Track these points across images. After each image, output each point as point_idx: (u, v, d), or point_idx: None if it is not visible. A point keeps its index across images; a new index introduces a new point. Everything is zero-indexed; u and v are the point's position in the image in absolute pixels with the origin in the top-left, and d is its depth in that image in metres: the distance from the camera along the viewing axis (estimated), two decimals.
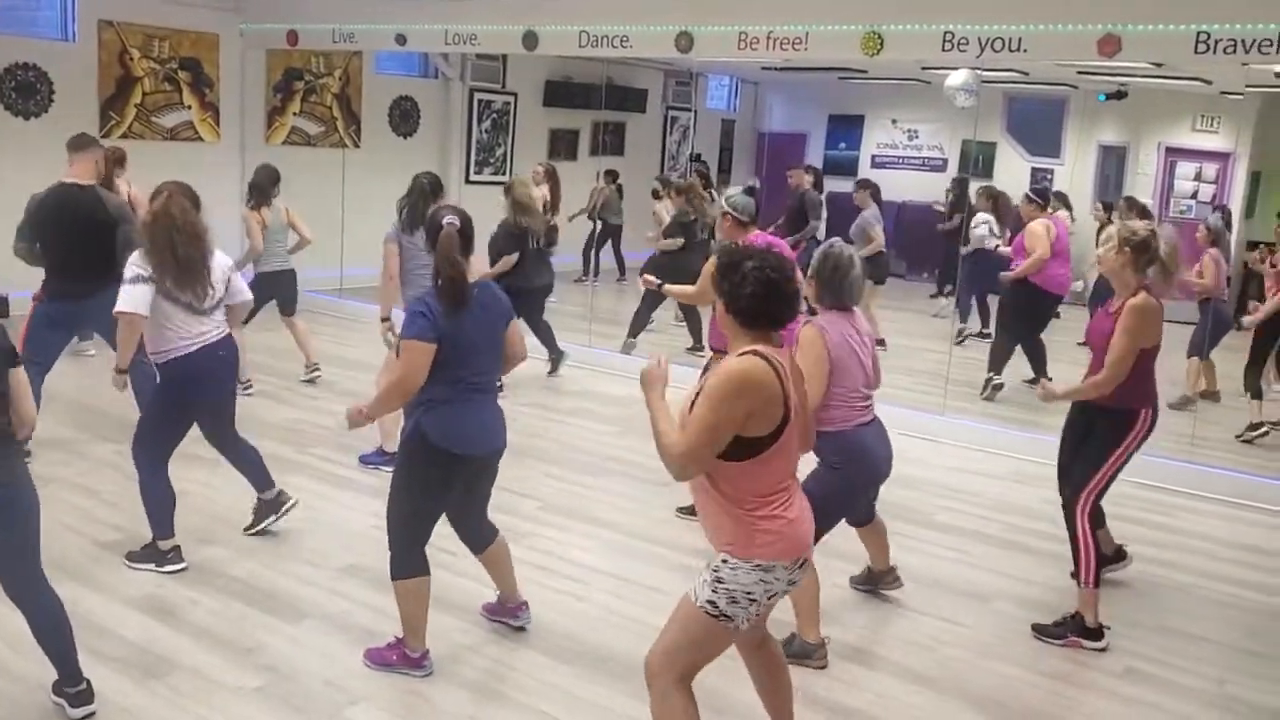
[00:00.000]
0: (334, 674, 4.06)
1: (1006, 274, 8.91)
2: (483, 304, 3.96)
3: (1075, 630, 4.61)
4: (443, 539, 4.59)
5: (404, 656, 4.07)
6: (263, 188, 8.03)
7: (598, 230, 13.51)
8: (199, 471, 5.80)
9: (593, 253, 13.55)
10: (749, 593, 3.07)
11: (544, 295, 8.91)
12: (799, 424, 3.15)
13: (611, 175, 13.76)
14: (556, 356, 9.06)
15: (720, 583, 3.08)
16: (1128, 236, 4.55)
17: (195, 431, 5.01)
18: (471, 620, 4.51)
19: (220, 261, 4.85)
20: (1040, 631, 4.69)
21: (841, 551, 5.04)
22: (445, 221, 3.92)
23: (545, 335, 9.00)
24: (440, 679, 4.06)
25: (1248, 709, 4.23)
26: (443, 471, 3.96)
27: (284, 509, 5.28)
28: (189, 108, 11.18)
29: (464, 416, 3.92)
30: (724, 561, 3.09)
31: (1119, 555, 5.33)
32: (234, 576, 4.84)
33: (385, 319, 6.43)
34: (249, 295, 5.15)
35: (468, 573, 4.65)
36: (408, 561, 3.99)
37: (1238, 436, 8.14)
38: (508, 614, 4.46)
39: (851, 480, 4.45)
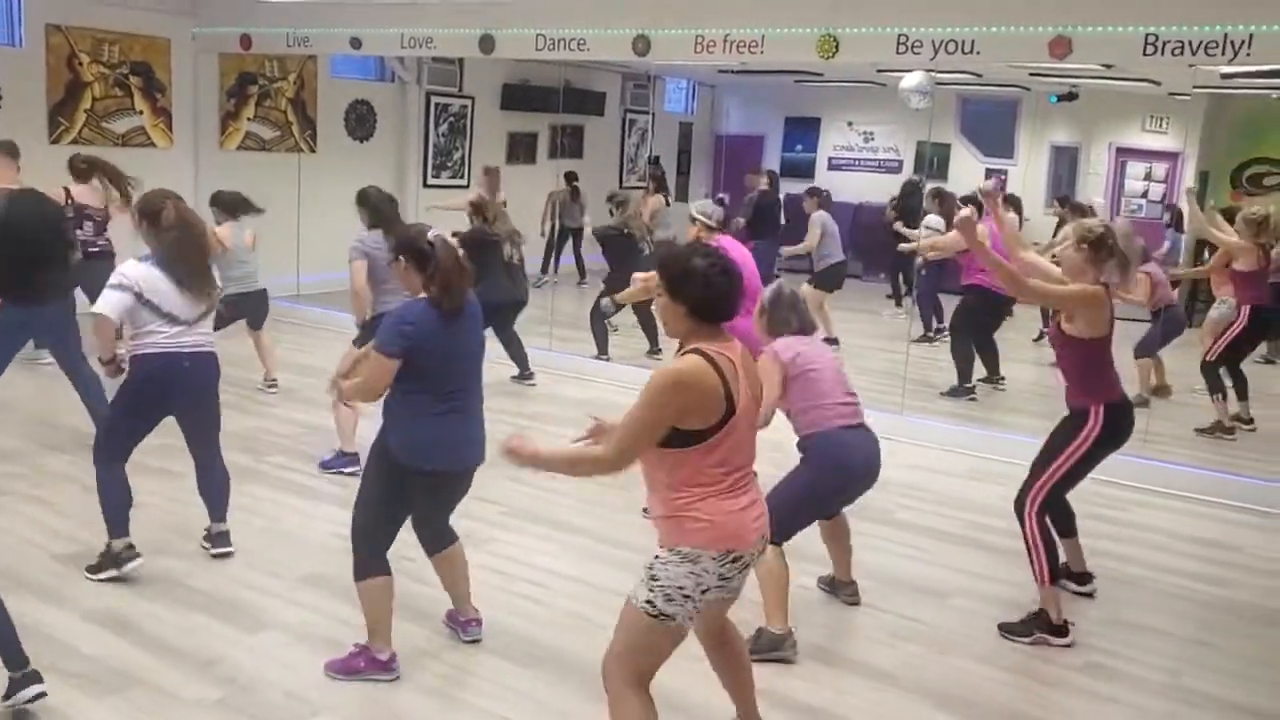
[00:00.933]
0: (295, 684, 4.03)
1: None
2: (470, 315, 3.98)
3: (1041, 628, 4.67)
4: (406, 546, 4.58)
5: (371, 660, 4.05)
6: (227, 204, 7.90)
7: (556, 233, 13.52)
8: (156, 483, 5.74)
9: (552, 255, 13.56)
10: (681, 588, 3.08)
11: (516, 310, 8.85)
12: (749, 418, 3.17)
13: (569, 177, 13.76)
14: (527, 375, 9.00)
15: (655, 580, 3.10)
16: (1084, 234, 4.62)
17: (155, 442, 4.96)
18: (433, 627, 4.49)
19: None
20: (1008, 630, 4.72)
21: (805, 552, 5.07)
22: (431, 236, 3.92)
23: (516, 350, 8.96)
24: (403, 686, 4.04)
25: (1204, 699, 4.31)
26: (408, 485, 3.99)
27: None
28: (140, 113, 11.05)
29: (434, 432, 3.92)
30: (657, 558, 3.13)
31: (1083, 578, 5.25)
32: (193, 588, 4.79)
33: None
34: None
35: (431, 580, 4.63)
36: (369, 564, 4.01)
37: (1199, 430, 8.27)
38: (458, 626, 4.44)
39: (827, 480, 4.50)
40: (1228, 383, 8.36)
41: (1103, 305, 4.59)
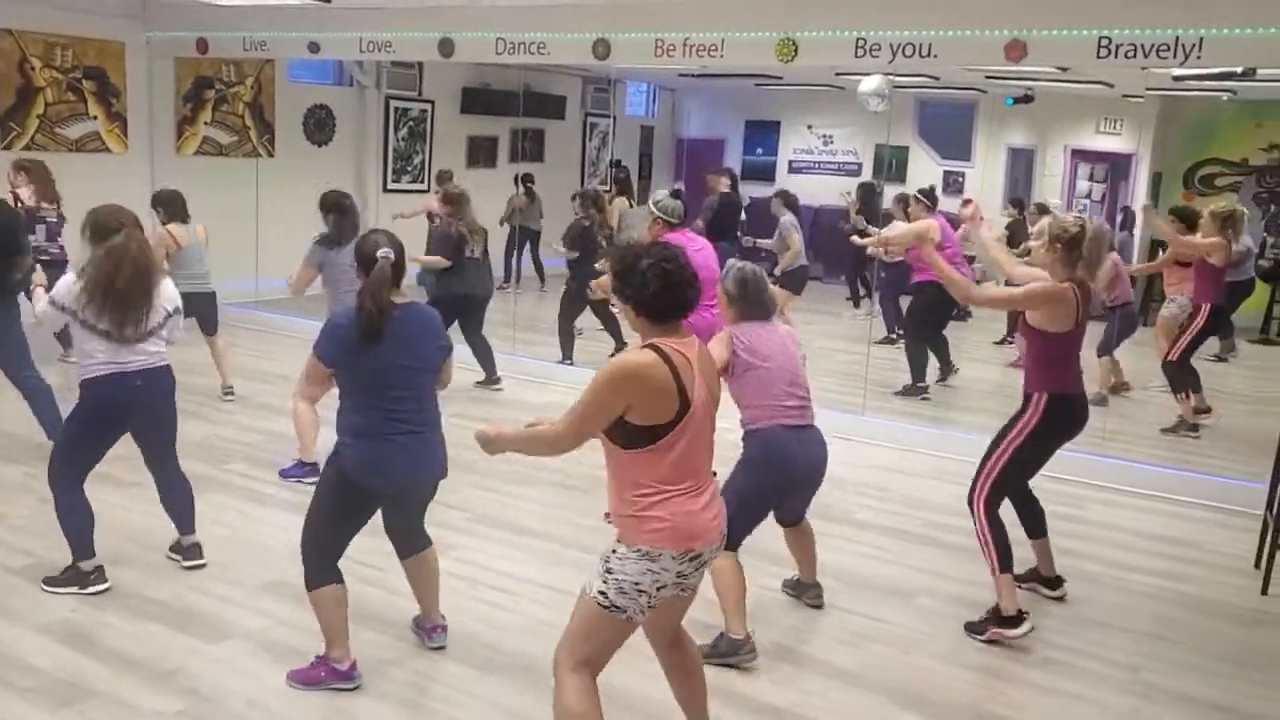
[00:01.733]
0: (257, 694, 3.98)
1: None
2: (409, 337, 3.88)
3: (995, 622, 4.71)
4: (370, 554, 4.55)
5: (331, 670, 4.01)
6: (171, 203, 7.81)
7: (516, 236, 13.49)
8: (111, 493, 5.65)
9: (513, 259, 13.51)
10: (637, 583, 3.09)
11: (483, 306, 8.80)
12: (706, 416, 3.17)
13: (526, 180, 13.76)
14: (494, 380, 8.94)
15: (610, 573, 3.11)
16: (1059, 234, 4.67)
17: (111, 451, 4.88)
18: (395, 634, 4.46)
19: (166, 294, 4.72)
20: (970, 629, 4.76)
21: (773, 554, 5.09)
22: (380, 255, 3.86)
23: (484, 354, 8.89)
24: (366, 694, 4.01)
25: (1162, 694, 4.36)
26: (355, 501, 3.95)
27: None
28: (95, 118, 10.90)
29: (382, 451, 3.86)
30: (614, 551, 3.14)
31: (1054, 582, 5.23)
32: (151, 598, 4.72)
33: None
34: (175, 338, 4.88)
35: (397, 589, 4.61)
36: (318, 572, 3.97)
37: (1164, 430, 8.38)
38: (424, 633, 4.41)
39: (764, 479, 4.45)
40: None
41: (1067, 302, 4.62)
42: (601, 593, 3.10)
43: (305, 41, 10.04)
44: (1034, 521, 5.15)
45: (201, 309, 7.86)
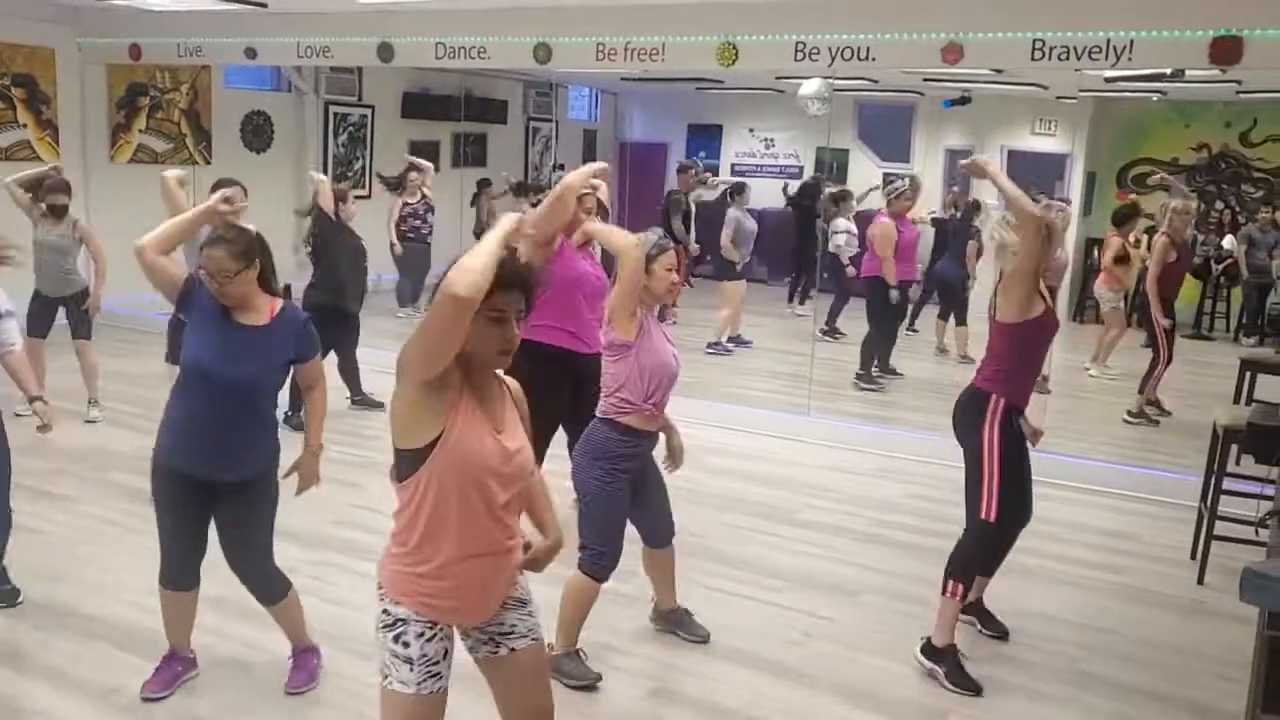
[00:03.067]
0: (202, 709, 3.92)
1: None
2: (256, 332, 3.74)
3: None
4: (310, 565, 4.50)
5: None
6: (34, 185, 7.33)
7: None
8: (46, 508, 5.54)
9: None
10: None
11: (357, 324, 8.06)
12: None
13: (482, 184, 13.82)
14: (358, 399, 8.23)
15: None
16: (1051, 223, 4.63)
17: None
18: (345, 648, 4.41)
19: None
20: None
21: (717, 554, 5.10)
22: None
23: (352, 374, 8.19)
24: (323, 706, 3.96)
25: (1102, 684, 4.44)
26: (167, 487, 3.83)
27: None
28: (25, 126, 10.67)
29: (191, 435, 3.72)
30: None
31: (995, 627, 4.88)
32: (87, 615, 4.63)
33: None
34: (13, 345, 4.61)
35: (341, 599, 4.56)
36: (164, 571, 3.96)
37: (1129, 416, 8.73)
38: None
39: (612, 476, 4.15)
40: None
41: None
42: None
43: (242, 47, 9.92)
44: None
45: (59, 310, 7.47)
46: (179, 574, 3.95)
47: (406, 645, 2.65)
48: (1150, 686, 4.44)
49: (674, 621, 4.64)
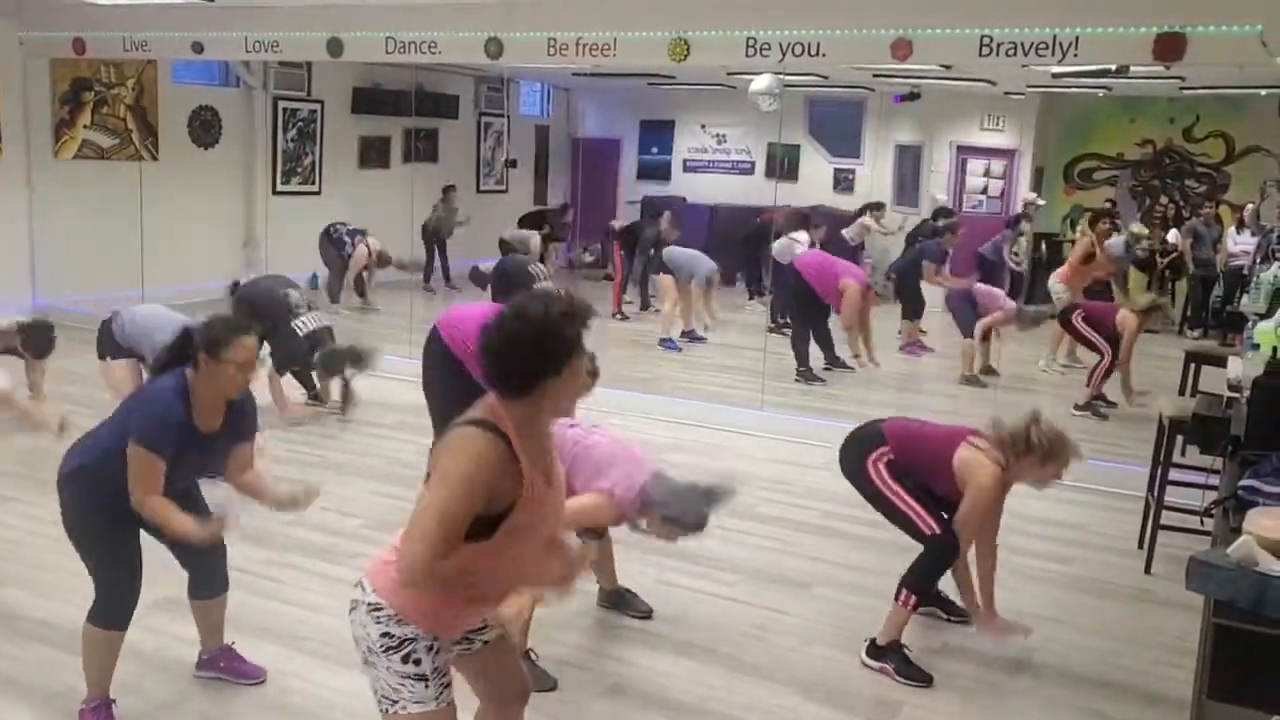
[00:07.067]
0: (149, 711, 3.87)
1: None
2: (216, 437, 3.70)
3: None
4: (268, 565, 4.45)
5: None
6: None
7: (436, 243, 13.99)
8: None
9: (430, 265, 13.89)
10: None
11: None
12: None
13: (448, 189, 14.14)
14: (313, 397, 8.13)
15: None
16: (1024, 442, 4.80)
17: None
18: (297, 646, 4.37)
19: None
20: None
21: (672, 549, 5.10)
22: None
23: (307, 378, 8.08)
24: (272, 708, 3.93)
25: (1052, 673, 4.51)
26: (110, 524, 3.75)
27: None
28: None
29: None
30: None
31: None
32: (33, 618, 4.54)
33: None
34: None
35: (295, 600, 4.51)
36: (108, 609, 3.82)
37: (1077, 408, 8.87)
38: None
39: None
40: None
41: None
42: None
43: (189, 42, 9.75)
44: None
45: None
46: (130, 607, 3.80)
47: (418, 663, 2.62)
48: (1100, 675, 4.51)
49: (616, 602, 4.79)
